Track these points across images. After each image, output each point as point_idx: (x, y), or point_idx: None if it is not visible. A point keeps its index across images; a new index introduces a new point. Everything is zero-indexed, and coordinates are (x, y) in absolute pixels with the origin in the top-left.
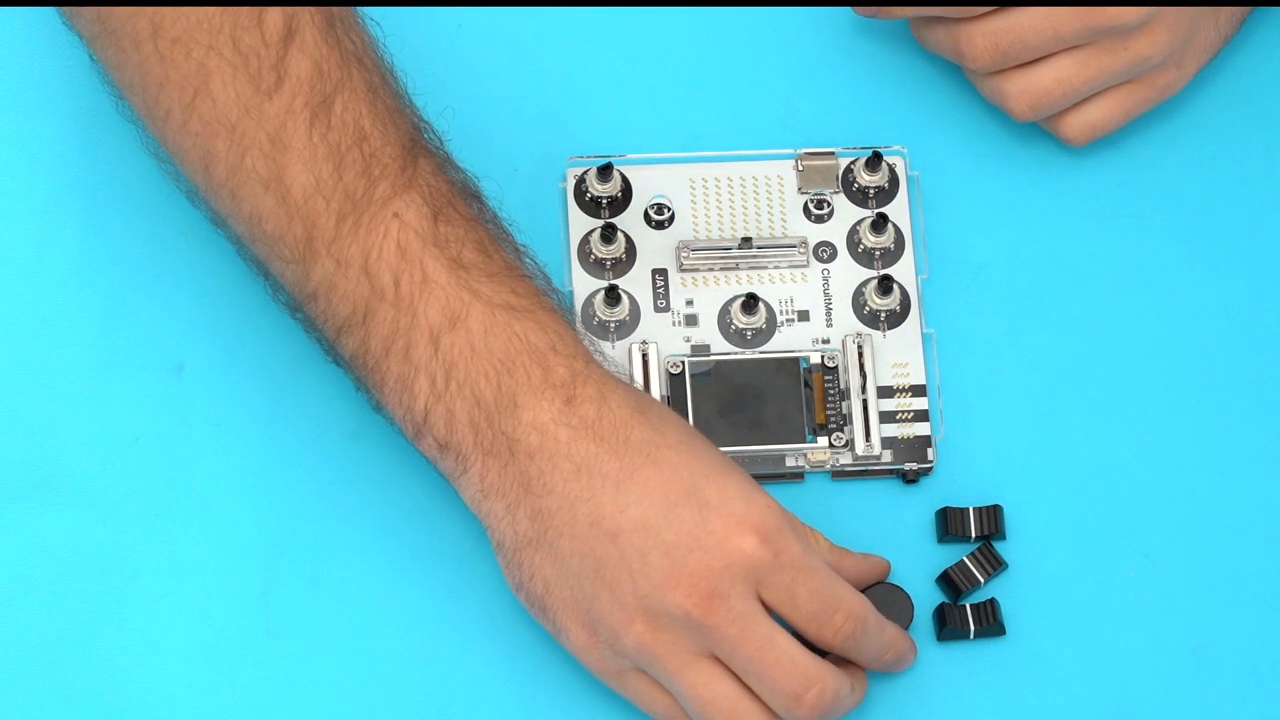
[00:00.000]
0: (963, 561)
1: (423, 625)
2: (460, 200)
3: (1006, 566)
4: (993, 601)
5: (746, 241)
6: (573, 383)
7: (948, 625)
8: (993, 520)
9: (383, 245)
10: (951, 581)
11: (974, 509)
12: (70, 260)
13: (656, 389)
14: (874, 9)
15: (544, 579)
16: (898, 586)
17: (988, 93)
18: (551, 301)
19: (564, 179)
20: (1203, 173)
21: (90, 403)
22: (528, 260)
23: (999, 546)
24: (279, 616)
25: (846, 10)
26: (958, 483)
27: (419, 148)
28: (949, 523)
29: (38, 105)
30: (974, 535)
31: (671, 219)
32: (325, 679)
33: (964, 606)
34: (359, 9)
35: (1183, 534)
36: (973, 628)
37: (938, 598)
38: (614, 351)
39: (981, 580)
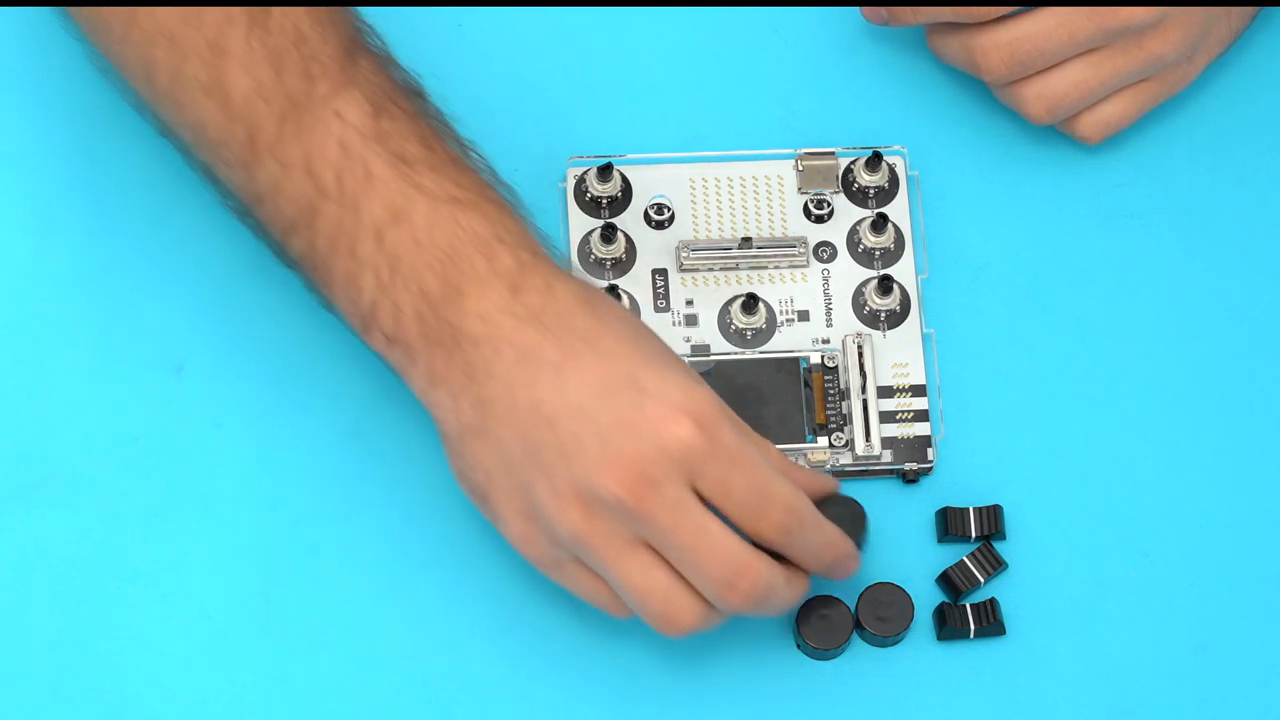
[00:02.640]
0: (963, 561)
1: (423, 625)
2: (402, 96)
3: (1006, 566)
4: (993, 601)
5: (746, 241)
6: (519, 272)
7: (948, 625)
8: (993, 520)
9: (324, 144)
10: (951, 581)
11: (974, 509)
12: (70, 260)
13: None
14: (885, 15)
15: (485, 468)
16: (898, 586)
17: (1003, 98)
18: (497, 193)
19: (564, 179)
20: (1203, 173)
21: (90, 403)
22: (473, 155)
23: (999, 546)
24: (279, 616)
25: (847, 10)
26: (958, 483)
27: (358, 47)
28: (949, 523)
29: (38, 105)
30: (974, 535)
31: (671, 219)
32: (325, 679)
33: (964, 606)
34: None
35: (1183, 534)
36: (973, 628)
37: (938, 598)
38: None
39: (981, 580)
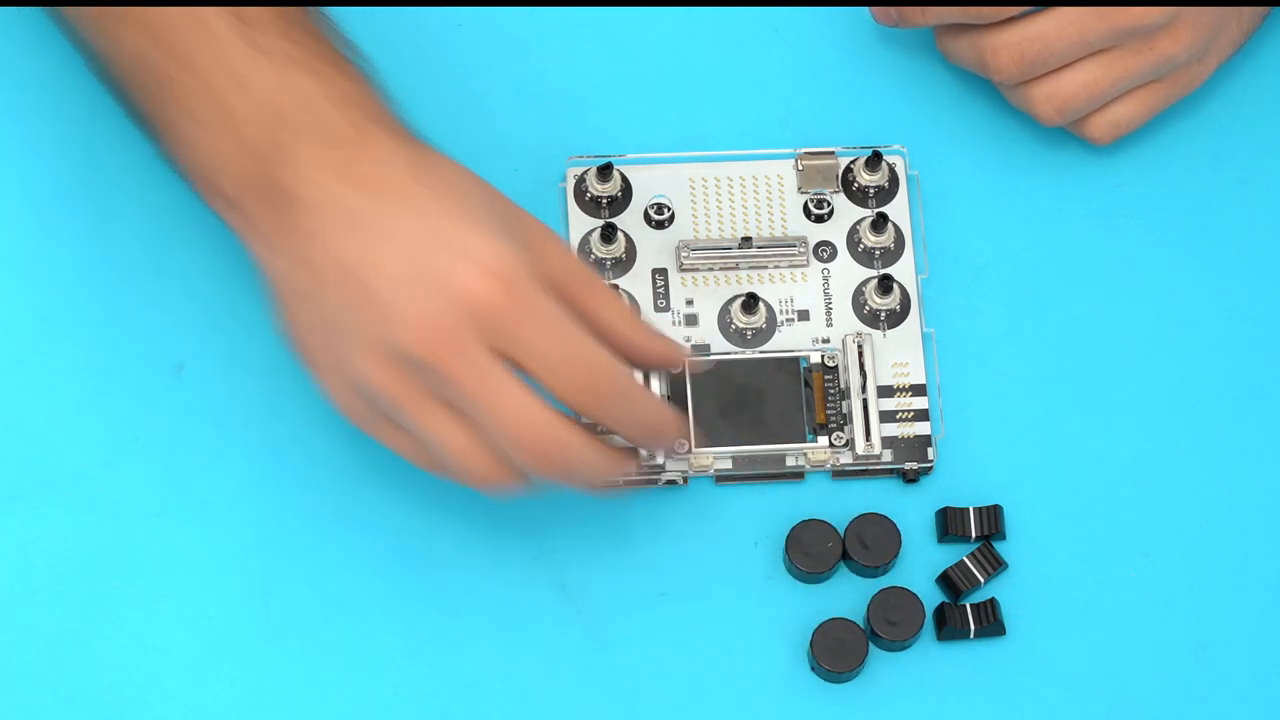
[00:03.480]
0: (963, 561)
1: (423, 625)
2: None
3: (1006, 566)
4: (993, 601)
5: (746, 241)
6: (348, 135)
7: (948, 625)
8: (993, 520)
9: (177, 13)
10: (951, 581)
11: (974, 509)
12: (70, 260)
13: (657, 388)
14: (895, 16)
15: (306, 326)
16: (908, 590)
17: (1012, 99)
18: (346, 62)
19: (564, 179)
20: (1204, 173)
21: (90, 403)
22: (325, 21)
23: (999, 546)
24: (279, 616)
25: (847, 10)
26: (958, 483)
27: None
28: (949, 523)
29: (38, 105)
30: (974, 535)
31: (671, 219)
32: (325, 679)
33: (964, 606)
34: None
35: (1183, 534)
36: (973, 628)
37: (938, 598)
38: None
39: (981, 580)
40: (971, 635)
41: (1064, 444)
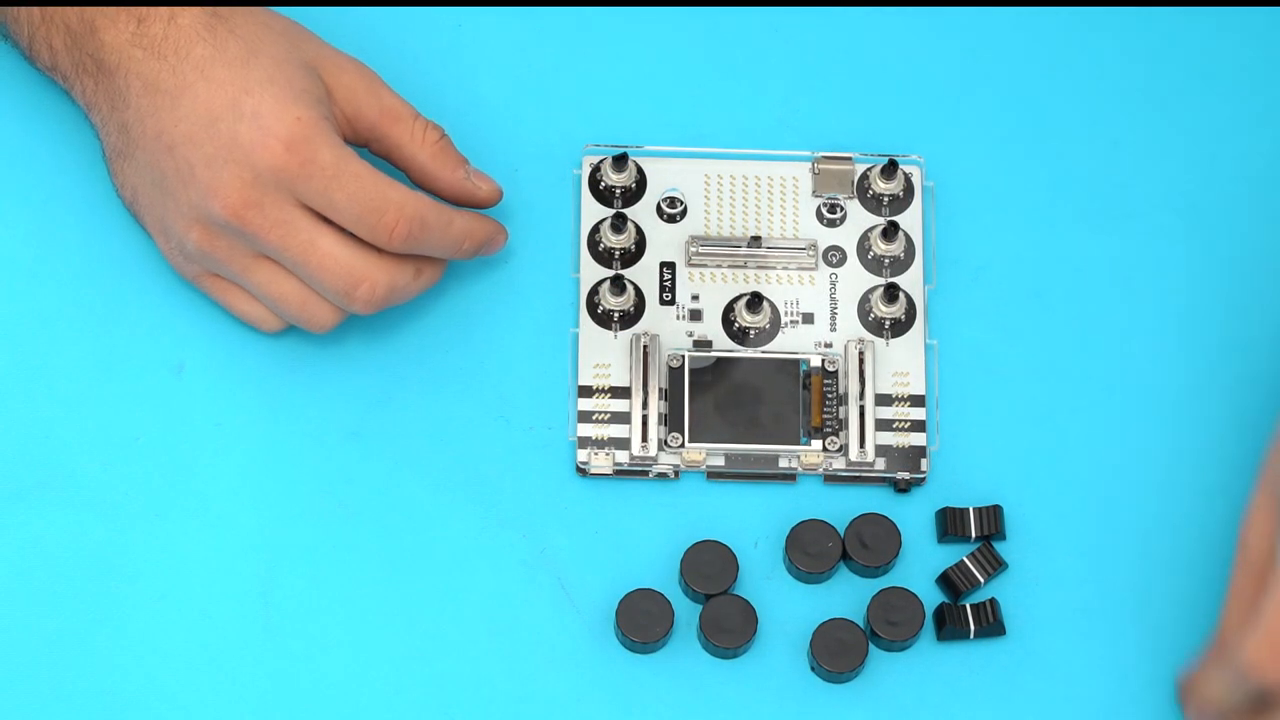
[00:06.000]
0: (963, 561)
1: (423, 625)
2: None
3: (1006, 566)
4: (993, 601)
5: (756, 240)
6: (147, 5)
7: (948, 625)
8: (993, 520)
9: None
10: (951, 581)
11: (974, 509)
12: (70, 260)
13: (655, 381)
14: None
15: (132, 187)
16: (908, 590)
17: None
18: None
19: (579, 166)
20: (1201, 172)
21: (90, 403)
22: None
23: (999, 546)
24: (279, 616)
25: (872, 12)
26: (957, 483)
27: None
28: (949, 523)
29: (38, 106)
30: (974, 535)
31: (684, 213)
32: (325, 679)
33: (964, 606)
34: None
35: (1183, 534)
36: (973, 628)
37: (938, 598)
38: (617, 341)
39: (981, 580)
40: (971, 635)
41: (1064, 445)
